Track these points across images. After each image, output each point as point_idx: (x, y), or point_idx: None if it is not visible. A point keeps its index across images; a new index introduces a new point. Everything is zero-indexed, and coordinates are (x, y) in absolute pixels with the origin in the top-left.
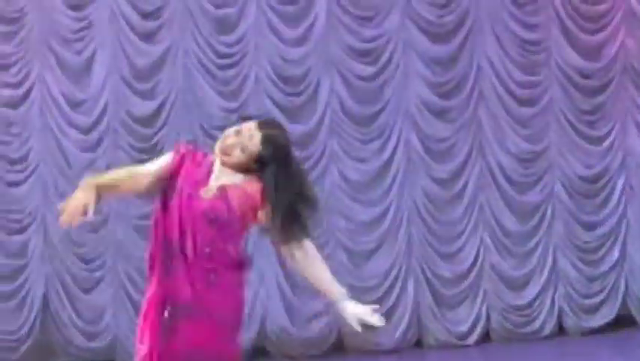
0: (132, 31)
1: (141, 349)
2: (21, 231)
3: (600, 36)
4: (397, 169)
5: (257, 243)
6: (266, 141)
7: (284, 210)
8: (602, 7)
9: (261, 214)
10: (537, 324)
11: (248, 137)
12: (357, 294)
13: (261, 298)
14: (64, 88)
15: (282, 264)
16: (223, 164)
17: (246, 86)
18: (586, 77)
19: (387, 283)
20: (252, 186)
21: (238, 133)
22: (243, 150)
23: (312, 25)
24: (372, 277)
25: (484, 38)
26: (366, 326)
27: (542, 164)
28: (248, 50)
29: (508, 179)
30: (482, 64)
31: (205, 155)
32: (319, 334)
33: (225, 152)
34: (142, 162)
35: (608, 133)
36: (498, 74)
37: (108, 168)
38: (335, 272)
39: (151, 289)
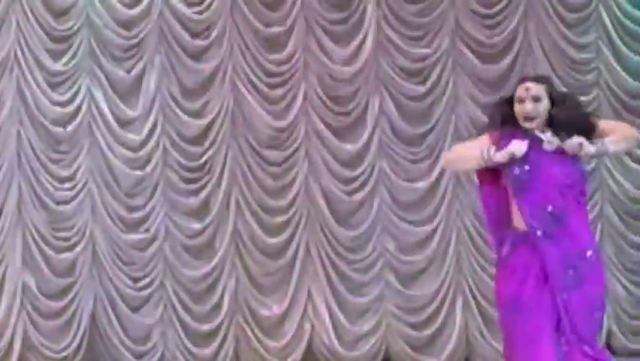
0: (181, 49)
1: None
2: (69, 249)
3: None
4: (446, 189)
5: (304, 264)
6: None
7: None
8: None
9: None
10: None
11: None
12: (405, 314)
13: (309, 318)
14: (113, 106)
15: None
16: None
17: (295, 104)
18: (635, 97)
19: (435, 304)
20: None
21: None
22: None
23: (361, 44)
24: (420, 298)
25: (534, 58)
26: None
27: (591, 184)
28: (297, 68)
29: None
30: None
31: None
32: (367, 354)
33: None
34: (191, 181)
35: None
36: None
37: (156, 186)
38: (382, 293)
39: None
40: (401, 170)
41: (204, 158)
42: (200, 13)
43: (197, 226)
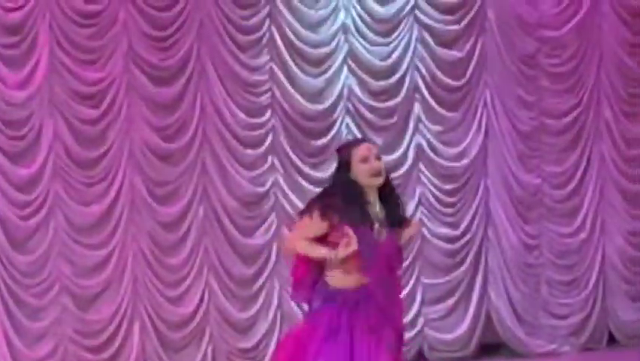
0: None
1: None
2: None
3: (322, 78)
4: (121, 212)
5: None
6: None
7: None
8: (325, 50)
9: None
10: None
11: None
12: (83, 338)
13: None
14: None
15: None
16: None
17: None
18: (309, 119)
19: (112, 327)
20: None
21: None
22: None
23: (34, 68)
24: (97, 322)
25: (208, 81)
26: None
27: (266, 206)
28: None
29: (233, 221)
30: (206, 106)
31: None
32: None
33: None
34: None
35: None
36: (222, 117)
37: None
38: (59, 317)
39: None
40: (76, 194)
41: None
42: None
43: None
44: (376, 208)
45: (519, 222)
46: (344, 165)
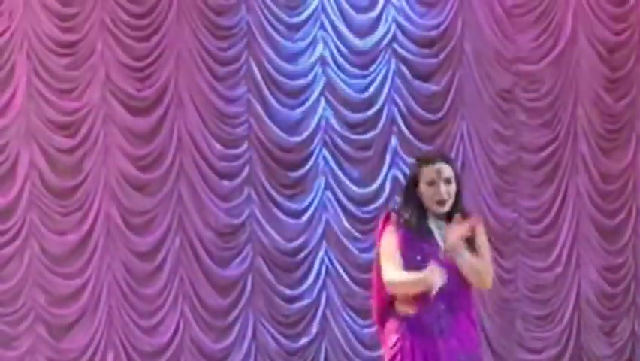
0: None
1: None
2: None
3: (300, 110)
4: (97, 242)
5: None
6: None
7: None
8: (302, 82)
9: None
10: None
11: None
12: None
13: None
14: None
15: None
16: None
17: None
18: (286, 150)
19: (86, 357)
20: None
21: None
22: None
23: (11, 96)
24: (71, 351)
25: (185, 111)
26: None
27: (242, 237)
28: None
29: (208, 252)
30: (183, 137)
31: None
32: None
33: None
34: None
35: (308, 206)
36: (198, 147)
37: None
38: (33, 346)
39: None
40: (52, 223)
41: None
42: None
43: None
44: (437, 235)
45: (494, 256)
46: (412, 182)
